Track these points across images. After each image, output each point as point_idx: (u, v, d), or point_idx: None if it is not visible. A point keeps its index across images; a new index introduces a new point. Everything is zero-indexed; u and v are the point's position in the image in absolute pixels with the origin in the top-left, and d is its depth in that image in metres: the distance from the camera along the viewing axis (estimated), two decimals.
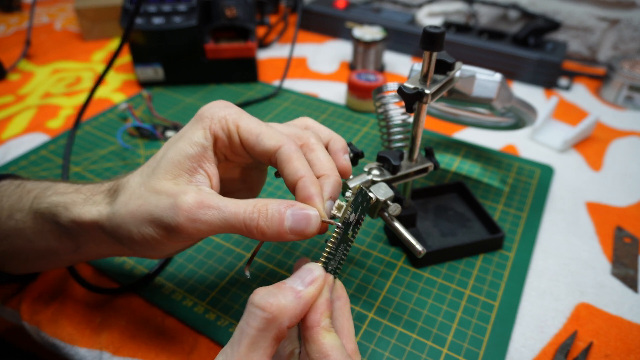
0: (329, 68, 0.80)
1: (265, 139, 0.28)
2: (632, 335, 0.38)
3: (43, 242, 0.33)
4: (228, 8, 0.72)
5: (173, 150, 0.28)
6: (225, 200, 0.27)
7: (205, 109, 0.30)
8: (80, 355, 0.36)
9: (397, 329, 0.37)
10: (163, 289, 0.40)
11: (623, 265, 0.44)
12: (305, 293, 0.25)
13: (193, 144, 0.28)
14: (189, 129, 0.29)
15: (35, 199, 0.32)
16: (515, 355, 0.36)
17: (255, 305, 0.24)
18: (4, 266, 0.37)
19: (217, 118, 0.29)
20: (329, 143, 0.33)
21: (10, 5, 1.03)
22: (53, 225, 0.31)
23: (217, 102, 0.30)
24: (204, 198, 0.27)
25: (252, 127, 0.29)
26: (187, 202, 0.26)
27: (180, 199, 0.26)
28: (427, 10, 0.87)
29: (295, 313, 0.24)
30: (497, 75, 0.39)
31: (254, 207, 0.26)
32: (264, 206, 0.26)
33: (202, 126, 0.29)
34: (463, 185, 0.49)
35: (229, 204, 0.26)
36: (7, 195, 0.34)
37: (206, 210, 0.26)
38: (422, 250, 0.33)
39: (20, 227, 0.33)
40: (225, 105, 0.30)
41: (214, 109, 0.29)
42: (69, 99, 0.70)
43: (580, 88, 0.75)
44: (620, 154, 0.60)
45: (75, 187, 0.32)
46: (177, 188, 0.27)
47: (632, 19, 0.78)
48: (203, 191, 0.27)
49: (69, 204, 0.31)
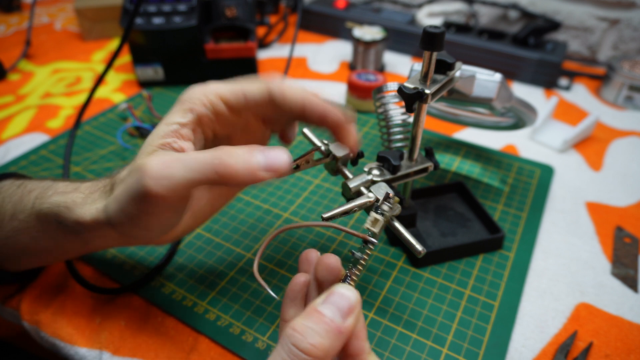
0: (329, 68, 0.80)
1: (252, 90, 0.29)
2: (632, 335, 0.38)
3: (50, 240, 0.33)
4: (228, 8, 0.72)
5: (151, 135, 0.29)
6: (190, 153, 0.27)
7: (183, 94, 0.30)
8: (80, 355, 0.36)
9: (397, 329, 0.37)
10: (163, 289, 0.40)
11: (623, 265, 0.44)
12: (346, 328, 0.23)
13: (168, 123, 0.29)
14: (168, 114, 0.30)
15: (37, 200, 0.32)
16: (515, 355, 0.36)
17: (299, 349, 0.22)
18: (9, 263, 0.37)
19: (195, 97, 0.29)
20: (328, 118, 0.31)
21: (10, 5, 1.03)
22: (58, 224, 0.32)
23: (194, 85, 0.30)
24: (167, 156, 0.26)
25: (234, 88, 0.30)
26: (149, 164, 0.25)
27: (144, 165, 0.26)
28: (427, 10, 0.87)
29: (336, 352, 0.23)
30: (497, 75, 0.39)
31: (220, 149, 0.26)
32: (230, 148, 0.26)
33: (180, 108, 0.29)
34: (463, 185, 0.49)
35: (192, 153, 0.26)
36: (9, 196, 0.34)
37: (169, 164, 0.25)
38: (422, 250, 0.33)
39: (25, 227, 0.33)
40: (202, 85, 0.30)
41: (189, 91, 0.30)
42: (69, 99, 0.70)
43: (580, 88, 0.75)
44: (620, 154, 0.60)
45: (74, 186, 0.32)
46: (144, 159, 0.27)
47: (632, 19, 0.78)
48: (168, 153, 0.27)
49: (70, 205, 0.31)
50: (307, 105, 0.29)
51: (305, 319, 0.23)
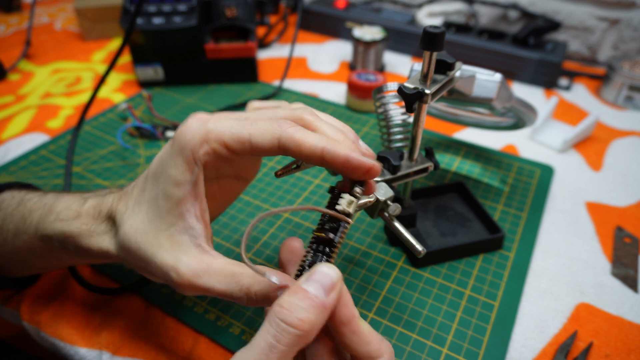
0: (329, 68, 0.80)
1: (260, 139, 0.26)
2: (632, 335, 0.38)
3: (55, 260, 0.34)
4: (228, 8, 0.72)
5: (165, 199, 0.27)
6: (213, 276, 0.27)
7: (181, 135, 0.27)
8: (80, 355, 0.36)
9: (397, 329, 0.37)
10: (163, 289, 0.40)
11: (623, 265, 0.43)
12: (330, 303, 0.24)
13: (179, 184, 0.27)
14: (170, 162, 0.27)
15: (39, 224, 0.32)
16: (515, 355, 0.36)
17: (287, 324, 0.23)
18: (11, 272, 0.37)
19: (197, 144, 0.26)
20: None
21: (10, 5, 1.03)
22: (63, 248, 0.32)
23: (191, 122, 0.27)
24: (194, 275, 0.26)
25: (239, 134, 0.26)
26: (183, 277, 0.26)
27: (177, 272, 0.27)
28: (427, 10, 0.87)
29: (320, 326, 0.24)
30: (497, 75, 0.39)
31: (240, 289, 0.26)
32: (249, 289, 0.26)
33: (185, 159, 0.26)
34: (463, 185, 0.49)
35: (215, 283, 0.26)
36: (10, 215, 0.34)
37: (198, 276, 0.26)
38: (422, 250, 0.33)
39: (29, 247, 0.33)
40: (200, 124, 0.27)
41: (189, 134, 0.26)
42: (69, 99, 0.70)
43: (580, 88, 0.75)
44: (620, 154, 0.60)
45: (75, 210, 0.31)
46: (173, 254, 0.27)
47: (632, 19, 0.78)
48: (195, 255, 0.27)
49: (75, 235, 0.30)
50: (327, 156, 0.26)
51: (291, 297, 0.24)
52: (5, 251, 0.35)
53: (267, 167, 0.55)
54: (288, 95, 0.70)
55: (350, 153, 0.26)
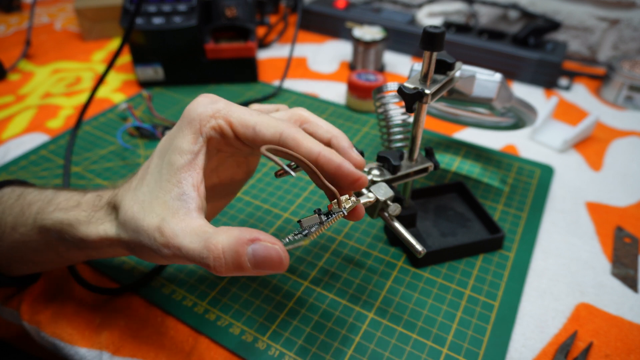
0: (329, 68, 0.80)
1: (264, 129, 0.28)
2: (632, 335, 0.38)
3: (52, 253, 0.33)
4: (228, 8, 0.72)
5: (168, 167, 0.28)
6: (185, 236, 0.26)
7: (191, 109, 0.28)
8: (80, 355, 0.36)
9: (397, 329, 0.37)
10: (163, 289, 0.40)
11: (623, 265, 0.44)
12: None
13: (183, 152, 0.28)
14: (178, 134, 0.28)
15: (38, 215, 0.32)
16: (515, 355, 0.36)
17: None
18: (9, 270, 0.37)
19: (206, 118, 0.28)
20: (331, 141, 0.31)
21: (10, 5, 1.03)
22: (61, 240, 0.32)
23: (202, 99, 0.29)
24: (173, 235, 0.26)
25: (246, 120, 0.28)
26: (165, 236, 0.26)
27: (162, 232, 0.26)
28: (427, 10, 0.87)
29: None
30: (497, 75, 0.39)
31: (207, 247, 0.25)
32: (218, 247, 0.25)
33: (192, 130, 0.28)
34: (463, 185, 0.49)
35: (186, 241, 0.26)
36: (9, 208, 0.34)
37: (174, 242, 0.26)
38: (422, 250, 0.33)
39: (26, 240, 0.33)
40: (211, 101, 0.29)
41: (200, 108, 0.28)
42: (69, 99, 0.70)
43: (580, 88, 0.75)
44: (620, 154, 0.60)
45: (75, 201, 0.32)
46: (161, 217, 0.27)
47: (632, 19, 0.78)
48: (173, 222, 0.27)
49: (74, 223, 0.30)
50: (321, 160, 0.28)
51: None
52: (3, 246, 0.34)
53: (267, 167, 0.55)
54: (288, 95, 0.70)
55: (343, 162, 0.28)
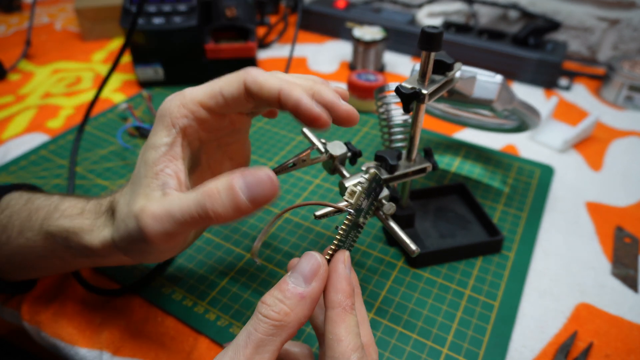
0: (329, 68, 0.80)
1: (228, 88, 0.28)
2: (632, 335, 0.38)
3: (56, 259, 0.34)
4: (228, 8, 0.72)
5: (144, 165, 0.28)
6: (173, 200, 0.25)
7: (161, 108, 0.29)
8: (80, 356, 0.36)
9: (397, 329, 0.37)
10: (163, 289, 0.40)
11: (623, 265, 0.44)
12: (309, 292, 0.25)
13: (155, 146, 0.28)
14: (153, 134, 0.29)
15: (45, 220, 0.32)
16: (515, 355, 0.36)
17: (262, 314, 0.24)
18: (12, 275, 0.37)
19: (175, 110, 0.28)
20: (314, 95, 0.28)
21: (10, 5, 1.03)
22: (67, 247, 0.32)
23: (170, 96, 0.29)
24: (154, 210, 0.25)
25: (211, 90, 0.28)
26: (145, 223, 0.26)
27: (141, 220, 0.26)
28: (427, 10, 0.87)
29: (303, 314, 0.24)
30: (498, 76, 0.39)
31: (202, 193, 0.24)
32: (212, 188, 0.24)
33: (163, 125, 0.28)
34: (464, 186, 0.49)
35: (174, 203, 0.25)
36: (17, 212, 0.34)
37: (159, 219, 0.25)
38: (416, 250, 0.33)
39: (32, 245, 0.33)
40: (177, 94, 0.29)
41: (167, 103, 0.29)
42: (69, 99, 0.70)
43: (580, 88, 0.75)
44: (620, 154, 0.60)
45: (79, 208, 0.32)
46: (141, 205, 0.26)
47: (632, 19, 0.78)
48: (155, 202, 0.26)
49: (78, 231, 0.31)
50: (282, 94, 0.27)
51: (273, 290, 0.25)
52: (7, 251, 0.35)
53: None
54: None
55: (302, 97, 0.27)
